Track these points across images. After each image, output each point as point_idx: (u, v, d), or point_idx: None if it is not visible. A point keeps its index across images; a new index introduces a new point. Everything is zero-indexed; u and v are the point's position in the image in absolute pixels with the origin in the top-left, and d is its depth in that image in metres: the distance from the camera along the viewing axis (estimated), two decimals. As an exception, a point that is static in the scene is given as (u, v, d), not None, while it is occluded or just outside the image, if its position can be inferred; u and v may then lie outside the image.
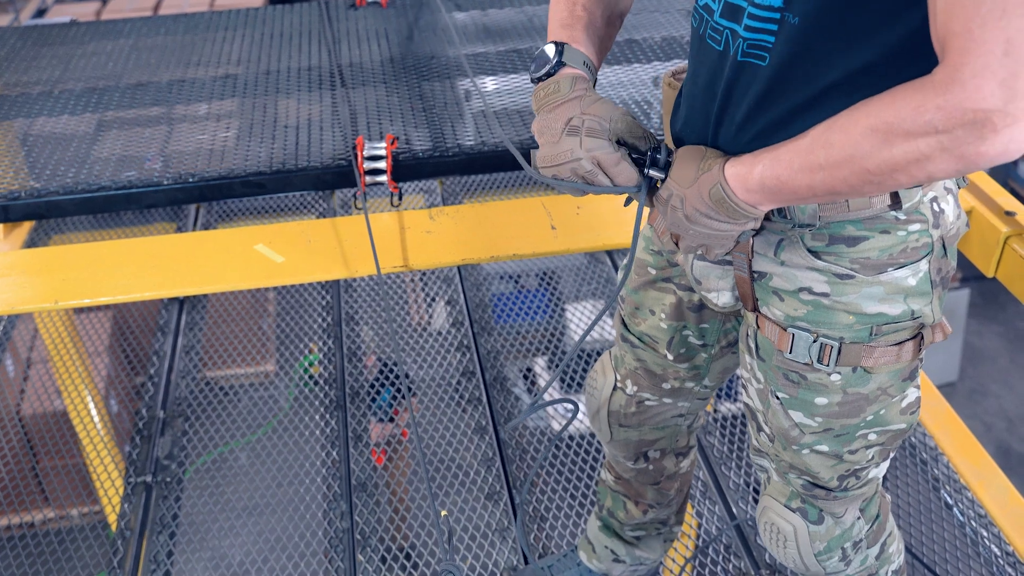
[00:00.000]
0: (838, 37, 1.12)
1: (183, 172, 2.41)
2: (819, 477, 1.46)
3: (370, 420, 2.68)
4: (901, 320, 1.30)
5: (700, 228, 1.23)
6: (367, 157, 2.34)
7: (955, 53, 0.96)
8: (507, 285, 3.58)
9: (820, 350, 1.32)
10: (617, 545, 2.00)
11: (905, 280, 1.28)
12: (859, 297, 1.28)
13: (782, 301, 1.34)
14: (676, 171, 1.24)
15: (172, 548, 2.34)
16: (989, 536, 2.30)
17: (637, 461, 1.84)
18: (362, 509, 2.37)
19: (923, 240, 1.27)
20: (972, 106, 0.95)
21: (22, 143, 2.65)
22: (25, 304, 2.31)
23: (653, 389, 1.70)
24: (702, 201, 1.20)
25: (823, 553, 1.55)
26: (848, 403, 1.36)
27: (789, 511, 1.53)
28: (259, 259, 2.25)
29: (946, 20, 0.97)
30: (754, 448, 1.58)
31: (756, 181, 1.16)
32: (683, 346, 1.61)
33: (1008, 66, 0.93)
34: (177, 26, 3.37)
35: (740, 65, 1.21)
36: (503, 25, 3.27)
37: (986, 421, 5.60)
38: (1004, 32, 0.92)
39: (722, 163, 1.19)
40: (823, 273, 1.29)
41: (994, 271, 2.27)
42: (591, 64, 1.37)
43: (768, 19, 1.15)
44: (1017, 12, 0.91)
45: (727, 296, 1.43)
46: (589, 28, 1.39)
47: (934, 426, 2.58)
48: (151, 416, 2.71)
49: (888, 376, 1.34)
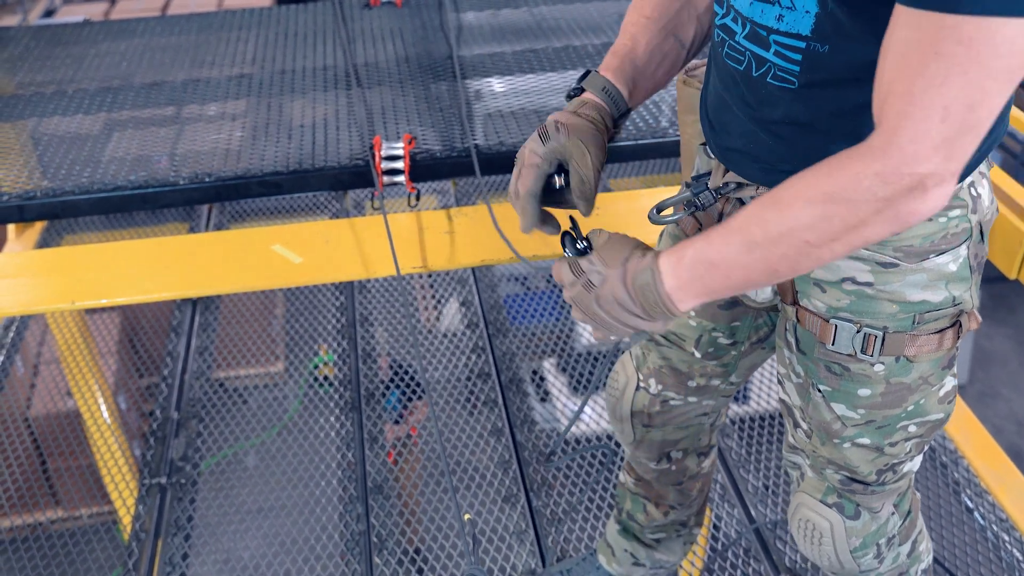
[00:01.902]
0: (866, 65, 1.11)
1: (199, 172, 2.40)
2: (858, 471, 1.46)
3: (385, 422, 2.67)
4: (943, 307, 1.30)
5: (602, 313, 1.23)
6: (385, 157, 2.33)
7: (894, 116, 0.99)
8: (516, 286, 3.57)
9: (864, 340, 1.32)
10: (637, 548, 1.99)
11: (946, 266, 1.28)
12: (903, 285, 1.28)
13: (824, 292, 1.33)
14: (605, 250, 1.23)
15: (187, 550, 2.33)
16: (1011, 540, 2.28)
17: (660, 462, 1.83)
18: (378, 511, 2.36)
19: (962, 226, 1.27)
20: (909, 170, 0.99)
21: (36, 143, 2.64)
22: (40, 304, 2.30)
23: (678, 388, 1.69)
24: (622, 287, 1.20)
25: (859, 550, 1.54)
26: (891, 393, 1.36)
27: (825, 507, 1.52)
28: (277, 259, 2.23)
29: (891, 77, 1.00)
30: (788, 445, 1.57)
31: (687, 265, 1.15)
32: (711, 345, 1.61)
33: (943, 132, 0.97)
34: (190, 26, 3.36)
35: (768, 86, 1.22)
36: (518, 25, 3.26)
37: (996, 424, 5.57)
38: (943, 99, 0.96)
39: (655, 253, 1.20)
40: (866, 262, 1.28)
41: (1016, 272, 2.25)
42: (613, 91, 1.39)
43: (794, 47, 1.16)
44: (958, 81, 0.95)
45: (767, 292, 1.43)
46: (626, 58, 1.41)
47: (954, 429, 2.57)
48: (165, 417, 2.70)
49: (929, 365, 1.35)
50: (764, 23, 1.18)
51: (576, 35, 3.15)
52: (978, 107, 0.97)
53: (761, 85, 1.23)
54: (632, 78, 1.41)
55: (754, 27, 1.20)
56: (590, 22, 3.25)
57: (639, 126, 2.53)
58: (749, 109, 1.27)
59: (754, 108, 1.26)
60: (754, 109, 1.26)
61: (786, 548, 2.26)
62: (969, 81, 0.95)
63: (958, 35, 0.94)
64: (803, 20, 1.14)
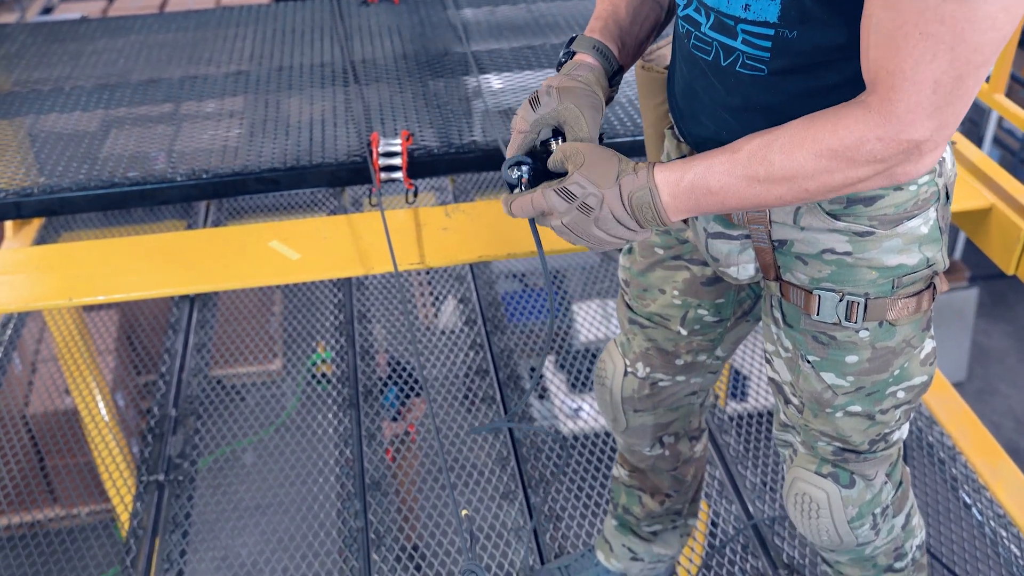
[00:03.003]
0: (836, 48, 1.15)
1: (197, 168, 2.39)
2: (850, 440, 1.48)
3: (383, 419, 2.67)
4: (918, 269, 1.34)
5: (600, 233, 1.23)
6: (382, 153, 2.32)
7: (887, 88, 1.05)
8: (514, 284, 3.57)
9: (847, 308, 1.35)
10: (634, 542, 2.00)
11: (918, 229, 1.32)
12: (880, 252, 1.32)
13: (806, 265, 1.36)
14: (591, 170, 1.21)
15: (185, 547, 2.33)
16: (1009, 536, 2.28)
17: (653, 447, 1.84)
18: (376, 508, 2.36)
19: (931, 190, 1.31)
20: (907, 137, 1.07)
21: (33, 140, 2.64)
22: (38, 301, 2.30)
23: (666, 368, 1.70)
24: (621, 206, 1.21)
25: (855, 520, 1.55)
26: (877, 358, 1.39)
27: (820, 477, 1.53)
28: (274, 256, 2.23)
29: (879, 56, 1.05)
30: (780, 423, 1.59)
31: (686, 187, 1.18)
32: (697, 323, 1.63)
33: (936, 101, 1.04)
34: (188, 23, 3.36)
35: (738, 74, 1.24)
36: (516, 22, 3.26)
37: (994, 421, 5.58)
38: (933, 73, 1.02)
39: (650, 167, 1.20)
40: (843, 233, 1.31)
41: (1014, 268, 2.25)
42: (603, 48, 1.39)
43: (763, 35, 1.18)
44: (946, 57, 1.01)
45: (750, 269, 1.45)
46: (609, 19, 1.42)
47: (951, 425, 2.57)
48: (163, 414, 2.70)
49: (910, 327, 1.38)
50: (731, 12, 1.20)
51: (573, 31, 3.15)
52: (966, 77, 1.03)
53: (730, 74, 1.25)
54: (619, 36, 1.41)
55: (719, 17, 1.22)
56: (587, 18, 3.24)
57: (637, 122, 2.53)
58: (719, 98, 1.29)
59: (724, 97, 1.28)
60: (724, 97, 1.28)
61: (784, 544, 2.26)
62: (956, 56, 1.01)
63: (940, 15, 0.99)
64: (770, 7, 1.15)
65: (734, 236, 1.43)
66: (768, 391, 2.83)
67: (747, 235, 1.41)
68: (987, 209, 2.31)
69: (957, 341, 5.75)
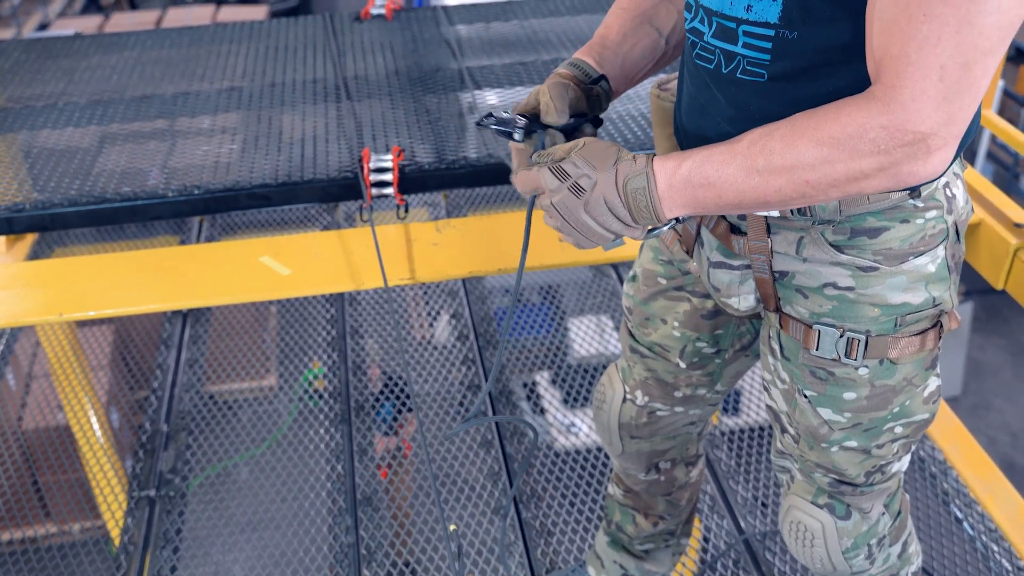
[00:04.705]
0: (836, 48, 1.14)
1: (189, 184, 2.40)
2: (846, 474, 1.46)
3: (375, 434, 2.67)
4: (923, 308, 1.31)
5: (588, 220, 1.22)
6: (373, 169, 2.33)
7: (892, 75, 1.02)
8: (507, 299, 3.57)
9: (847, 345, 1.32)
10: (626, 559, 1.99)
11: (925, 267, 1.29)
12: (884, 288, 1.29)
13: (806, 299, 1.34)
14: (589, 152, 1.22)
15: (176, 563, 2.32)
16: (1000, 551, 2.28)
17: (648, 472, 1.83)
18: (367, 524, 2.35)
19: (939, 226, 1.28)
20: (912, 127, 1.03)
21: (26, 156, 2.64)
22: (29, 316, 2.30)
23: (664, 398, 1.69)
24: (614, 190, 1.19)
25: (850, 550, 1.54)
26: (876, 396, 1.36)
27: (816, 508, 1.52)
28: (265, 271, 2.24)
29: (883, 42, 1.03)
30: (776, 450, 1.58)
31: (682, 176, 1.16)
32: (696, 355, 1.61)
33: (942, 91, 1.01)
34: (181, 39, 3.37)
35: (738, 81, 1.23)
36: (509, 38, 3.27)
37: (989, 435, 5.58)
38: (938, 59, 0.99)
39: (649, 156, 1.20)
40: (847, 267, 1.29)
41: (1003, 283, 2.26)
42: (578, 62, 1.40)
43: (763, 36, 1.17)
44: (951, 41, 0.98)
45: (750, 300, 1.43)
46: (597, 39, 1.44)
47: (943, 440, 2.57)
48: (155, 430, 2.70)
49: (913, 366, 1.35)
50: (733, 14, 1.19)
51: (566, 48, 3.16)
52: (973, 65, 1.00)
53: (731, 82, 1.24)
54: (599, 52, 1.42)
55: (721, 22, 1.22)
56: (580, 35, 3.27)
57: (640, 138, 2.54)
58: (721, 109, 1.28)
59: (725, 107, 1.27)
60: (725, 108, 1.27)
61: (775, 559, 2.26)
62: (962, 40, 0.98)
63: None
64: (771, 8, 1.15)
65: (735, 266, 1.41)
66: (761, 406, 2.83)
67: (748, 265, 1.40)
68: (976, 224, 2.32)
69: (952, 356, 5.76)
